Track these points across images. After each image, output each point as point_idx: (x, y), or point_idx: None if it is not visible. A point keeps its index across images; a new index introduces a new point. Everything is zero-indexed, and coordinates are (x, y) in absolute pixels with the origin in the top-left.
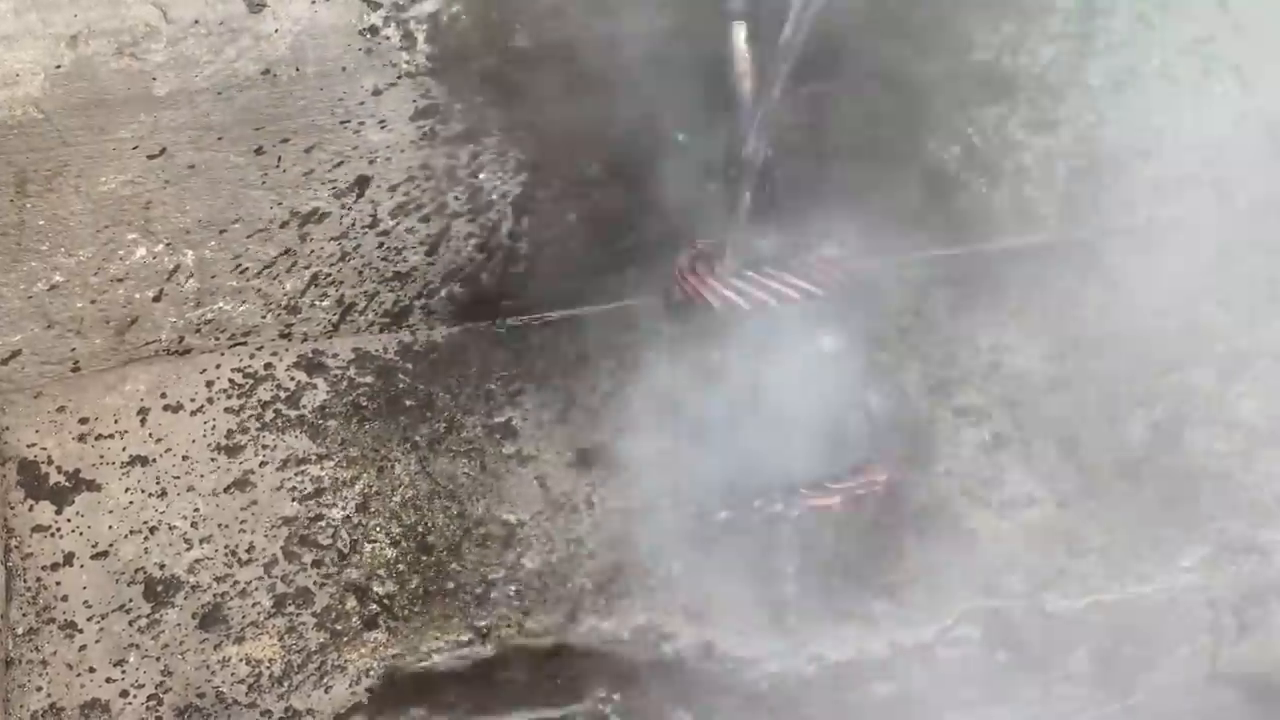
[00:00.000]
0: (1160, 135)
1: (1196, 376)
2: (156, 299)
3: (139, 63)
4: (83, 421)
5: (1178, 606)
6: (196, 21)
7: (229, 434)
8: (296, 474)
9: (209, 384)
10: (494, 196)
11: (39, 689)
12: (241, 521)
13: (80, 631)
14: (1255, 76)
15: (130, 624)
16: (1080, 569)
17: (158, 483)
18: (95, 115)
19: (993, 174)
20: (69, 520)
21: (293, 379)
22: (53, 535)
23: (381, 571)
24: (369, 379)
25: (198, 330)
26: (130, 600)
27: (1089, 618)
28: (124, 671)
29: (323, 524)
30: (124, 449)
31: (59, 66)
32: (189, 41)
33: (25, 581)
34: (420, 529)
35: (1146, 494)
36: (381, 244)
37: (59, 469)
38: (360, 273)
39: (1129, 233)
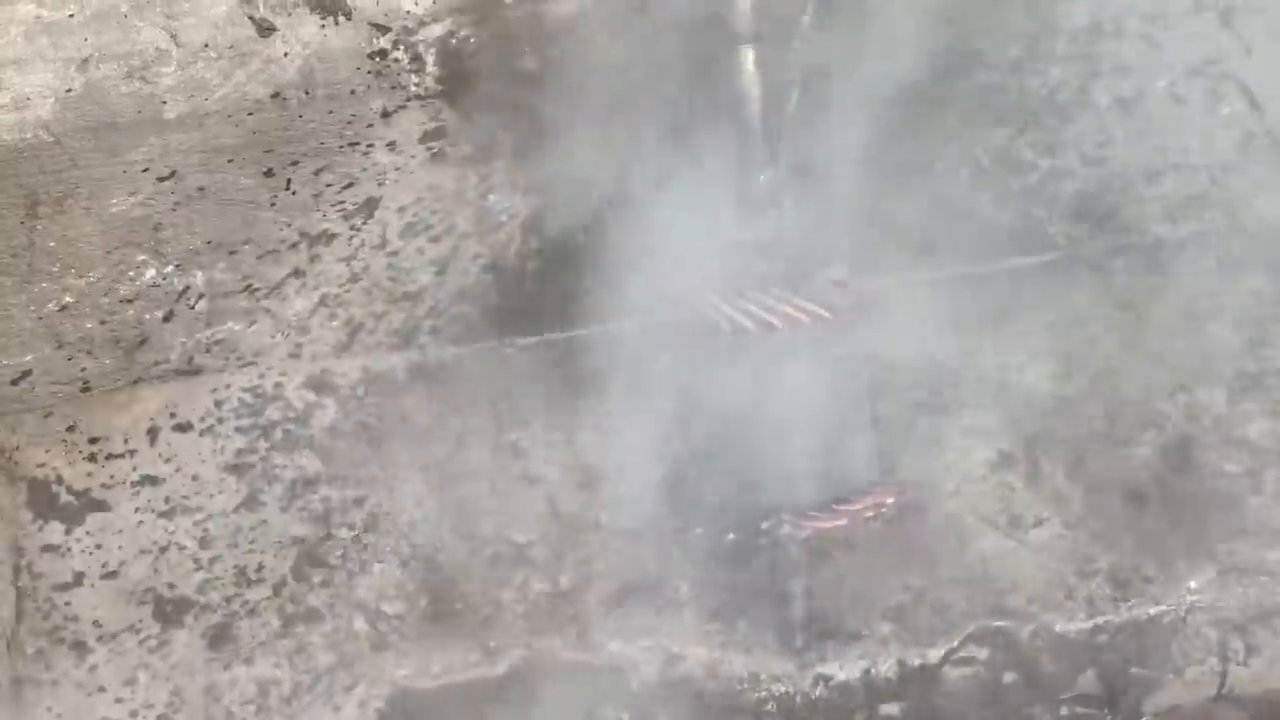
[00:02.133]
0: (1168, 155)
1: (1204, 397)
2: (166, 319)
3: (149, 86)
4: (93, 441)
5: (1185, 628)
6: (206, 45)
7: (239, 454)
8: (306, 494)
9: (218, 404)
10: (503, 218)
11: (49, 708)
12: (251, 541)
13: (90, 651)
14: (1263, 97)
15: (140, 644)
16: (1088, 590)
17: (167, 502)
18: (105, 138)
19: (1001, 194)
20: (79, 540)
21: (302, 399)
22: (63, 555)
23: (391, 592)
24: (378, 399)
25: (207, 350)
26: (140, 620)
27: (1097, 639)
28: (134, 691)
29: (332, 544)
30: (134, 469)
31: (70, 90)
32: (199, 65)
33: (36, 601)
34: (429, 549)
35: (1154, 515)
36: (390, 265)
37: (69, 489)
38: (369, 293)
39: (1137, 252)
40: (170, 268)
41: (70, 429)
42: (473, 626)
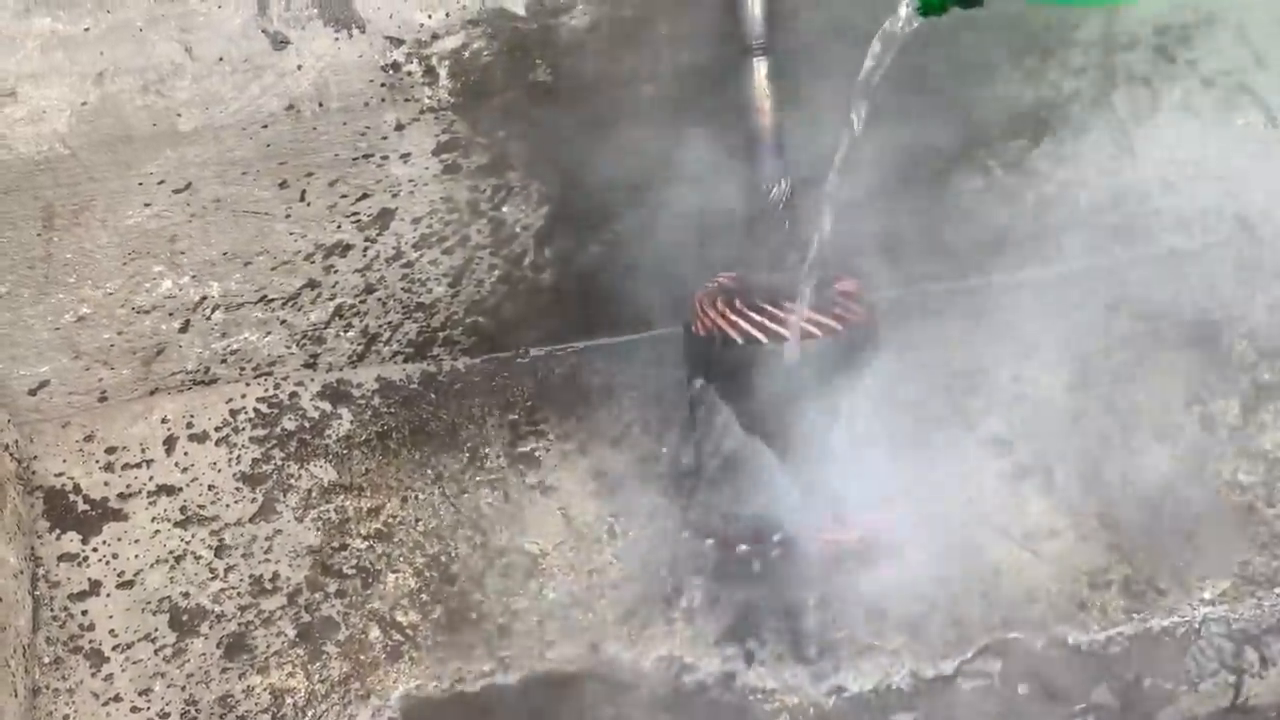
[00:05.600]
0: (1182, 167)
1: (1219, 408)
2: (183, 330)
3: (164, 99)
4: (110, 451)
5: (1199, 640)
6: (221, 59)
7: (254, 463)
8: (321, 503)
9: (234, 413)
10: (517, 229)
11: (66, 717)
12: (266, 551)
13: (106, 660)
14: (1279, 108)
15: (156, 653)
16: (1101, 601)
17: (183, 512)
18: (121, 151)
19: (1015, 205)
20: (96, 549)
21: (317, 409)
22: (80, 564)
23: (405, 601)
24: (393, 409)
25: (223, 360)
26: (156, 629)
27: (1110, 650)
28: (149, 700)
29: (346, 553)
30: (151, 478)
31: (85, 103)
32: (214, 78)
33: (52, 610)
34: (444, 559)
35: (1168, 526)
36: (405, 276)
37: (86, 498)
38: (384, 304)
39: (1152, 263)
40: (186, 279)
41: (87, 438)
42: (486, 636)
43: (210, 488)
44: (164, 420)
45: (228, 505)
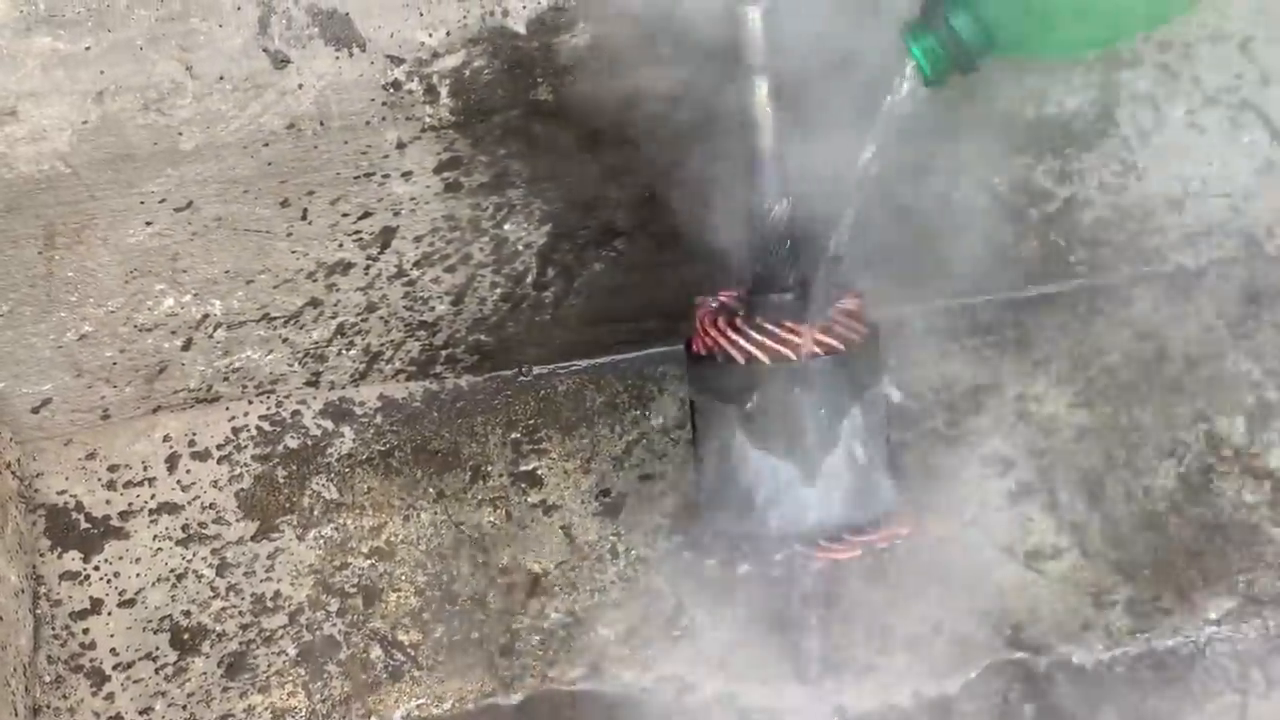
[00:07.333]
0: (1188, 183)
1: (1225, 426)
2: (185, 348)
3: (165, 118)
4: (112, 469)
5: (1204, 660)
6: (222, 77)
7: (256, 481)
8: (322, 522)
9: (236, 431)
10: (519, 247)
11: None
12: (268, 569)
13: (107, 679)
14: None
15: (157, 672)
16: (1106, 621)
17: (185, 530)
18: (122, 170)
19: (1019, 222)
20: (97, 568)
21: (319, 427)
22: (81, 583)
23: (406, 620)
24: (395, 427)
25: (225, 378)
26: (157, 648)
27: (1114, 671)
28: (150, 719)
29: (348, 572)
30: (153, 496)
31: (86, 122)
32: (214, 97)
33: (53, 629)
34: (445, 578)
35: (1173, 545)
36: (407, 294)
37: (88, 516)
38: (386, 322)
39: (1157, 281)
40: (188, 297)
41: (89, 456)
42: (488, 656)
43: (212, 506)
44: (166, 438)
45: (229, 523)
